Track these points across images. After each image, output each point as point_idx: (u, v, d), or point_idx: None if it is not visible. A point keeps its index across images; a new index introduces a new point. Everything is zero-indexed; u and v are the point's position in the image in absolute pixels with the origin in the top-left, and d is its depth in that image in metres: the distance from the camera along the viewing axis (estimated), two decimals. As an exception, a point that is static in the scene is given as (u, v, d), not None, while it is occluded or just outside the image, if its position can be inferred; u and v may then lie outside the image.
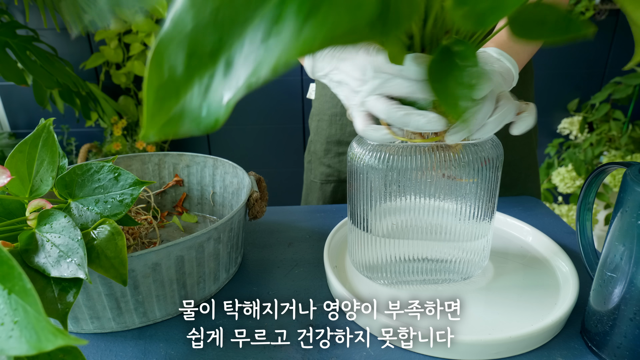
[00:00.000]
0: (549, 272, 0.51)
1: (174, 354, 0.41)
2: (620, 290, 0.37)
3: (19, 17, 1.65)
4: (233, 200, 0.60)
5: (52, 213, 0.36)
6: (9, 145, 1.76)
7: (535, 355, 0.40)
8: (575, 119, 1.69)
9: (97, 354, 0.41)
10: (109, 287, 0.40)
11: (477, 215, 0.44)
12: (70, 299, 0.34)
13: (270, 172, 1.96)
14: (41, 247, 0.35)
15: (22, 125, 1.86)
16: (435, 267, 0.46)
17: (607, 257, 0.38)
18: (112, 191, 0.39)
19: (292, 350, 0.41)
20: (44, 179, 0.39)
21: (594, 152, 1.61)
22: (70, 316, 0.42)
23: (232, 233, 0.49)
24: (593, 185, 0.45)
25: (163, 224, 0.62)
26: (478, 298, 0.46)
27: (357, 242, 0.47)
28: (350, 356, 0.40)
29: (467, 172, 0.41)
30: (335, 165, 0.77)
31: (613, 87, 1.59)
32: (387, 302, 0.46)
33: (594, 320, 0.40)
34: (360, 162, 0.43)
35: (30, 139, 0.39)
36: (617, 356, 0.38)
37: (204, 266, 0.46)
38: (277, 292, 0.49)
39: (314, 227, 0.64)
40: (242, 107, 1.85)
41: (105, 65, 1.73)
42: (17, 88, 1.75)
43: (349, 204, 0.47)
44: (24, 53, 1.16)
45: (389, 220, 0.44)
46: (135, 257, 0.40)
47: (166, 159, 0.63)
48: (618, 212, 0.37)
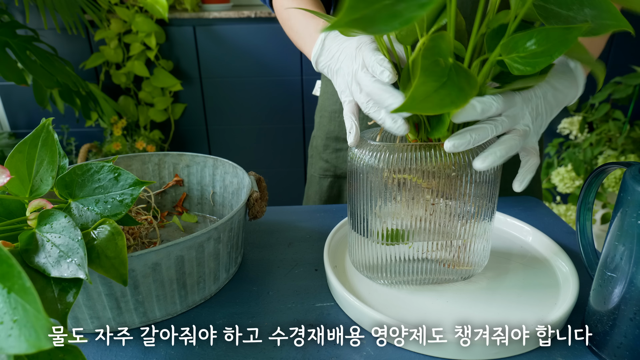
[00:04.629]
0: (549, 272, 0.51)
1: (174, 354, 0.41)
2: (620, 290, 0.37)
3: (19, 17, 1.65)
4: (233, 200, 0.60)
5: (52, 213, 0.36)
6: (9, 145, 1.76)
7: (535, 355, 0.40)
8: (575, 118, 1.69)
9: (97, 353, 0.41)
10: (109, 287, 0.40)
11: (477, 215, 0.44)
12: (70, 299, 0.34)
13: (270, 172, 1.96)
14: (41, 247, 0.35)
15: (22, 125, 1.86)
16: (435, 267, 0.46)
17: (607, 257, 0.38)
18: (112, 191, 0.39)
19: (292, 350, 0.41)
20: (43, 179, 0.39)
21: (594, 152, 1.61)
22: (70, 316, 0.42)
23: (232, 233, 0.49)
24: (593, 185, 0.45)
25: (163, 224, 0.62)
26: (478, 298, 0.46)
27: (357, 242, 0.47)
28: (350, 356, 0.40)
29: (467, 172, 0.41)
30: (333, 160, 0.79)
31: (613, 87, 1.59)
32: (387, 302, 0.46)
33: (594, 320, 0.40)
34: (360, 162, 0.43)
35: (29, 139, 0.39)
36: (617, 356, 0.38)
37: (204, 266, 0.46)
38: (277, 292, 0.49)
39: (314, 227, 0.64)
40: (242, 107, 1.85)
41: (105, 65, 1.73)
42: (17, 88, 1.75)
43: (349, 204, 0.47)
44: (24, 53, 1.16)
45: (388, 221, 0.44)
46: (135, 257, 0.40)
47: (166, 159, 0.63)
48: (618, 212, 0.37)
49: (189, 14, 1.68)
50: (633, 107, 1.63)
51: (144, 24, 1.62)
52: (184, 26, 1.71)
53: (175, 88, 1.74)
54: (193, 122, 1.87)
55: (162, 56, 1.75)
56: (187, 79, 1.79)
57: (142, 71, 1.68)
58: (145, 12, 1.65)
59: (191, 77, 1.79)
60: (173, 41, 1.73)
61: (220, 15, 1.68)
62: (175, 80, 1.73)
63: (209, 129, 1.90)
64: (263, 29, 1.72)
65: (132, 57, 1.69)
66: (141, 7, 1.63)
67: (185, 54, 1.75)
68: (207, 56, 1.76)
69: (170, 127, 1.85)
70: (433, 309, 0.45)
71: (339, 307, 0.47)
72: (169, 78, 1.72)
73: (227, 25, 1.71)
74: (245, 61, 1.76)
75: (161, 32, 1.69)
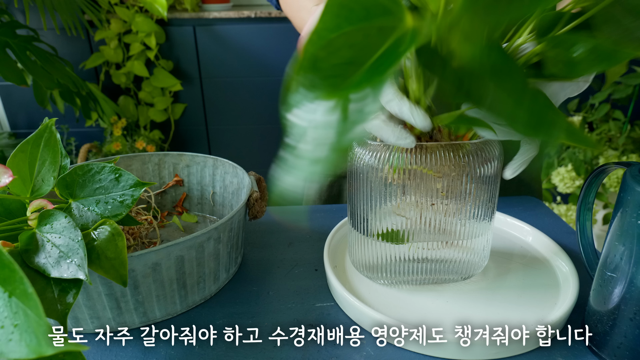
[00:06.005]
0: (549, 272, 0.51)
1: (174, 354, 0.41)
2: (620, 290, 0.37)
3: (19, 17, 1.65)
4: (233, 200, 0.60)
5: (52, 213, 0.36)
6: (9, 145, 1.76)
7: (535, 355, 0.40)
8: (575, 118, 1.69)
9: (97, 353, 0.41)
10: (109, 287, 0.40)
11: (477, 215, 0.44)
12: (70, 300, 0.34)
13: (270, 172, 1.96)
14: (41, 248, 0.35)
15: (22, 125, 1.86)
16: (435, 267, 0.46)
17: (607, 257, 0.38)
18: (113, 192, 0.39)
19: (292, 350, 0.41)
20: (45, 179, 0.39)
21: (594, 152, 1.61)
22: (70, 316, 0.42)
23: (232, 233, 0.49)
24: (593, 185, 0.45)
25: (163, 224, 0.62)
26: (478, 298, 0.46)
27: (357, 242, 0.47)
28: (350, 356, 0.40)
29: (466, 172, 0.41)
30: None
31: (613, 87, 1.59)
32: (387, 302, 0.46)
33: (594, 320, 0.40)
34: (360, 162, 0.43)
35: (32, 139, 0.39)
36: (617, 356, 0.38)
37: (204, 266, 0.46)
38: (277, 292, 0.49)
39: (314, 227, 0.64)
40: (242, 107, 1.85)
41: (105, 65, 1.73)
42: (17, 88, 1.75)
43: (349, 204, 0.47)
44: (24, 53, 1.16)
45: (388, 221, 0.44)
46: (135, 257, 0.40)
47: (166, 159, 0.63)
48: (618, 212, 0.37)
49: (189, 13, 1.68)
50: (633, 107, 1.63)
51: (144, 24, 1.62)
52: (184, 26, 1.71)
53: (175, 88, 1.74)
54: (193, 122, 1.88)
55: (162, 56, 1.75)
56: (187, 79, 1.79)
57: (142, 71, 1.68)
58: (145, 12, 1.65)
59: (191, 77, 1.79)
60: (173, 41, 1.73)
61: (220, 15, 1.68)
62: (175, 80, 1.73)
63: (209, 129, 1.90)
64: (263, 29, 1.72)
65: (132, 57, 1.69)
66: (141, 7, 1.63)
67: (185, 54, 1.75)
68: (207, 56, 1.76)
69: (170, 127, 1.85)
70: (433, 309, 0.45)
71: (339, 307, 0.47)
72: (169, 78, 1.72)
73: (227, 25, 1.71)
74: (245, 61, 1.76)
75: (161, 32, 1.69)
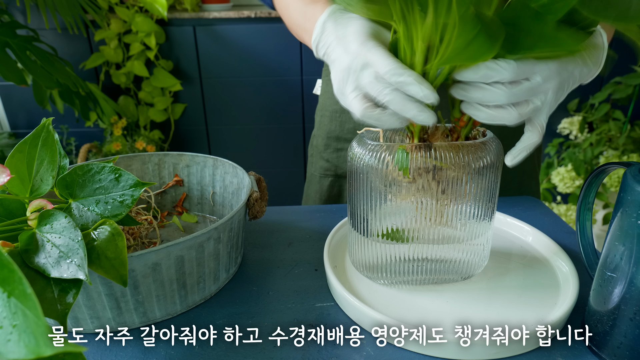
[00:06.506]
0: (549, 272, 0.51)
1: (174, 354, 0.41)
2: (620, 290, 0.37)
3: (19, 18, 1.65)
4: (233, 200, 0.60)
5: (52, 213, 0.36)
6: (9, 145, 1.76)
7: (535, 355, 0.40)
8: (575, 118, 1.69)
9: (97, 353, 0.41)
10: (109, 287, 0.40)
11: (477, 215, 0.44)
12: (70, 300, 0.34)
13: (270, 172, 1.96)
14: (41, 248, 0.35)
15: (22, 125, 1.86)
16: (435, 267, 0.46)
17: (607, 257, 0.38)
18: (113, 192, 0.39)
19: (292, 350, 0.41)
20: (44, 179, 0.39)
21: (594, 152, 1.61)
22: (70, 316, 0.42)
23: (232, 233, 0.49)
24: (593, 185, 0.45)
25: (163, 224, 0.62)
26: (478, 298, 0.46)
27: (357, 242, 0.47)
28: (350, 356, 0.40)
29: (466, 171, 0.41)
30: (334, 160, 0.79)
31: (613, 87, 1.59)
32: (387, 302, 0.46)
33: (594, 320, 0.40)
34: (360, 162, 0.43)
35: (29, 139, 0.39)
36: (617, 356, 0.38)
37: (204, 266, 0.46)
38: (277, 292, 0.49)
39: (314, 227, 0.64)
40: (242, 107, 1.85)
41: (105, 65, 1.73)
42: (17, 88, 1.75)
43: (349, 204, 0.47)
44: (24, 53, 1.16)
45: (388, 220, 0.44)
46: (135, 257, 0.40)
47: (166, 159, 0.63)
48: (618, 212, 0.37)
49: (189, 13, 1.68)
50: (633, 107, 1.63)
51: (144, 23, 1.62)
52: (184, 26, 1.71)
53: (175, 88, 1.74)
54: (193, 122, 1.87)
55: (162, 56, 1.75)
56: (187, 79, 1.79)
57: (142, 71, 1.68)
58: (145, 12, 1.65)
59: (191, 77, 1.79)
60: (173, 41, 1.73)
61: (220, 15, 1.68)
62: (175, 80, 1.73)
63: (209, 129, 1.90)
64: (263, 29, 1.72)
65: (132, 57, 1.69)
66: (141, 7, 1.63)
67: (185, 54, 1.75)
68: (207, 56, 1.76)
69: (170, 127, 1.85)
70: (433, 309, 0.45)
71: (339, 307, 0.47)
72: (169, 78, 1.72)
73: (227, 25, 1.71)
74: (245, 61, 1.76)
75: (161, 32, 1.69)
